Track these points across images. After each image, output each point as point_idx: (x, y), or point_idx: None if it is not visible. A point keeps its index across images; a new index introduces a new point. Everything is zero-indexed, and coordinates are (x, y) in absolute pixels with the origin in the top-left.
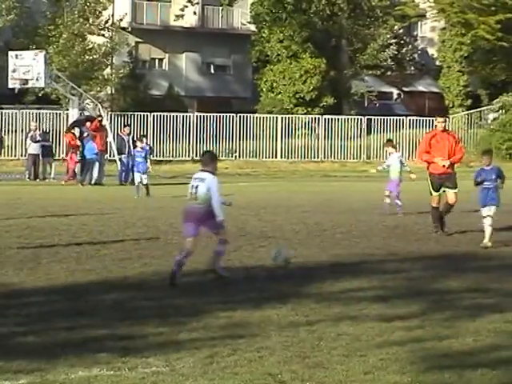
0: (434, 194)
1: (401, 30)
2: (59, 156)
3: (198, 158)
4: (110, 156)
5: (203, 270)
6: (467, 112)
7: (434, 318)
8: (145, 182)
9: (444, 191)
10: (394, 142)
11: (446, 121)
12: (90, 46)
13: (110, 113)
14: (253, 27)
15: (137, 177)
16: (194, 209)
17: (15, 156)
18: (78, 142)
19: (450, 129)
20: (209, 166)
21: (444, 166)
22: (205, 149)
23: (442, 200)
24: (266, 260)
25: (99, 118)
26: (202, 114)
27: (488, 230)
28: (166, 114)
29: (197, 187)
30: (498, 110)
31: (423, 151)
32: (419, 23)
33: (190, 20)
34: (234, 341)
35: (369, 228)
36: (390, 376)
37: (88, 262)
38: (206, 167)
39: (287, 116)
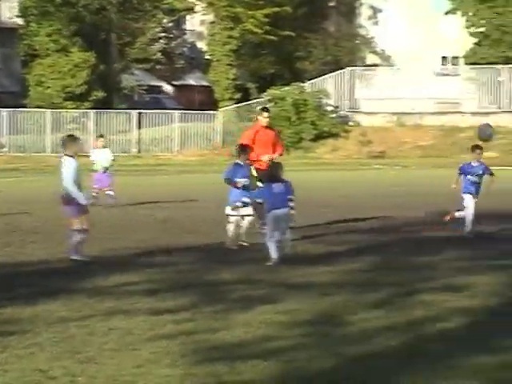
0: None
1: (170, 24)
2: None
3: None
4: None
5: None
6: (237, 105)
7: (205, 310)
8: None
9: None
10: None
11: (269, 116)
12: None
13: None
14: (20, 21)
15: None
16: (62, 194)
17: None
18: None
19: (221, 123)
20: (66, 149)
21: (270, 159)
22: None
23: None
24: (37, 255)
25: None
26: None
27: (231, 228)
28: None
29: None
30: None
31: None
32: (188, 17)
33: None
34: (4, 338)
35: (136, 222)
36: (162, 370)
37: None
38: (65, 151)
39: (56, 110)
